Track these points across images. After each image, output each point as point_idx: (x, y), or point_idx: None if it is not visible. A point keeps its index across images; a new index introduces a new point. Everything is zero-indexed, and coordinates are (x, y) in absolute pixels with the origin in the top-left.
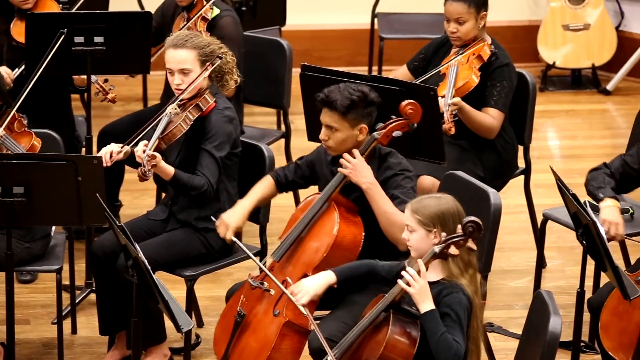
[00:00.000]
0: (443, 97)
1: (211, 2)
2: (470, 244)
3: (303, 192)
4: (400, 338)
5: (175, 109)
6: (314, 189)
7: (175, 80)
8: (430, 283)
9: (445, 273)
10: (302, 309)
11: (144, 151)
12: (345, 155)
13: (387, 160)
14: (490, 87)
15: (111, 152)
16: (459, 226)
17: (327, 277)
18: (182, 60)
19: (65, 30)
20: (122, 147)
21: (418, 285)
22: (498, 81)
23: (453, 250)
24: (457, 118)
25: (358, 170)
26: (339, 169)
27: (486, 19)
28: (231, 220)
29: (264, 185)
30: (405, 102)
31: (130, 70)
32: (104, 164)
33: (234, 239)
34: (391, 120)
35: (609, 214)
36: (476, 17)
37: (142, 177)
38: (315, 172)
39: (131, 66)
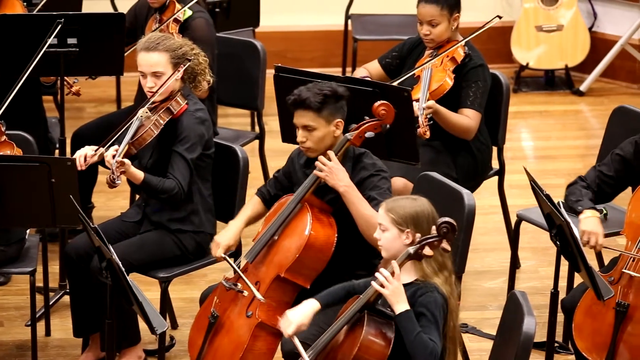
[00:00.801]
0: (417, 100)
1: (186, 6)
2: (445, 245)
3: None
4: (375, 339)
5: (146, 112)
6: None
7: (147, 83)
8: (404, 284)
9: (419, 274)
10: (296, 342)
11: (113, 157)
12: (321, 158)
13: (362, 160)
14: (465, 88)
15: (85, 155)
16: (434, 227)
17: (312, 306)
18: (154, 63)
19: (63, 20)
20: (96, 150)
21: (392, 286)
22: (473, 82)
23: (427, 251)
24: (432, 122)
25: (334, 173)
26: (315, 172)
27: (459, 20)
28: (222, 239)
29: (252, 204)
30: (378, 102)
31: (103, 72)
32: (79, 167)
33: (224, 255)
34: (364, 121)
35: (588, 225)
36: (449, 19)
37: (111, 184)
38: (292, 180)
39: (104, 68)
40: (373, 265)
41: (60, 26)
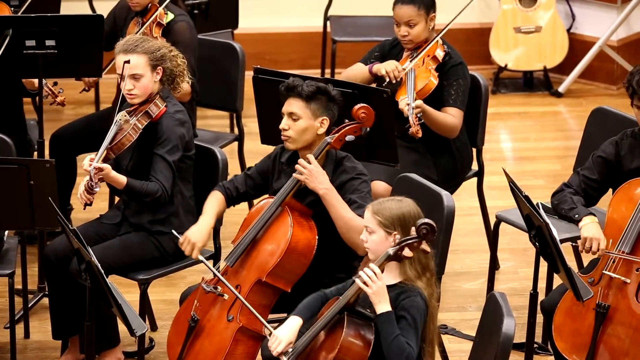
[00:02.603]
0: (404, 99)
1: (164, 5)
2: (425, 246)
3: None
4: (355, 340)
5: (125, 115)
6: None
7: (126, 85)
8: (387, 286)
9: (403, 276)
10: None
11: (90, 164)
12: (301, 161)
13: (343, 164)
14: (447, 87)
15: (85, 189)
16: (413, 228)
17: (297, 323)
18: (132, 66)
19: (11, 31)
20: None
21: (376, 285)
22: (454, 80)
23: (407, 252)
24: (422, 121)
25: (314, 175)
26: (295, 175)
27: (435, 20)
28: (197, 239)
29: (216, 200)
30: (358, 106)
31: (82, 73)
32: (88, 202)
33: (201, 257)
34: (344, 125)
35: (589, 231)
36: (426, 18)
37: (89, 191)
38: (268, 178)
39: (83, 70)
40: (352, 267)
41: (8, 38)
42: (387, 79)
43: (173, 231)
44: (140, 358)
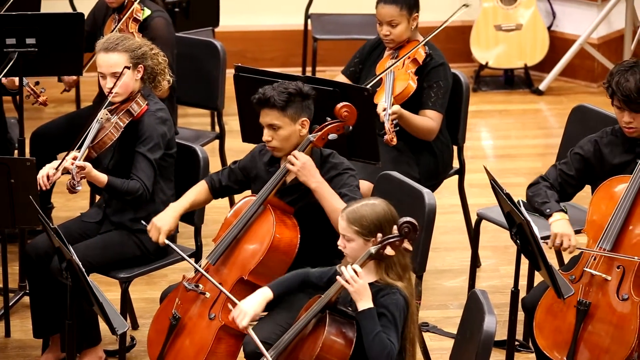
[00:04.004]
0: (381, 103)
1: (139, 0)
2: (406, 244)
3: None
4: (337, 339)
5: (106, 114)
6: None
7: (107, 84)
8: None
9: (382, 274)
10: (251, 333)
11: (73, 163)
12: (294, 152)
13: (329, 160)
14: (427, 89)
15: (47, 174)
16: (395, 227)
17: (264, 295)
18: (113, 64)
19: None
20: (57, 167)
21: (357, 284)
22: (434, 82)
23: (389, 251)
24: (398, 128)
25: (307, 168)
26: (287, 166)
27: (418, 19)
28: (162, 223)
29: (198, 190)
30: (341, 104)
31: (62, 71)
32: (43, 188)
33: (167, 241)
34: (326, 123)
35: (559, 227)
36: (408, 18)
37: (71, 190)
38: (250, 176)
39: (63, 68)
40: (334, 264)
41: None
42: None
43: (142, 222)
44: (122, 357)
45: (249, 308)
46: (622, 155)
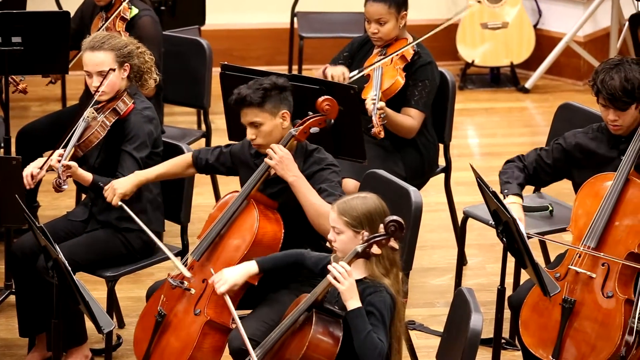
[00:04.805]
0: (370, 98)
1: (126, 2)
2: (393, 243)
3: (223, 190)
4: (324, 337)
5: (93, 113)
6: (233, 185)
7: (93, 82)
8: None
9: (369, 272)
10: (228, 300)
11: (59, 161)
12: (273, 146)
13: (313, 155)
14: (412, 87)
15: (31, 173)
16: (381, 225)
17: (247, 267)
18: (99, 63)
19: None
20: (41, 167)
21: (347, 282)
22: (420, 80)
23: (375, 249)
24: (385, 121)
25: (285, 162)
26: (266, 160)
27: (407, 18)
28: (119, 185)
29: (177, 161)
30: (322, 98)
31: (48, 70)
32: (27, 187)
33: (121, 203)
34: (308, 117)
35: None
36: (397, 17)
37: (57, 189)
38: (237, 163)
39: (49, 66)
40: None
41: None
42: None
43: (100, 183)
44: (108, 355)
45: (230, 276)
46: (607, 151)
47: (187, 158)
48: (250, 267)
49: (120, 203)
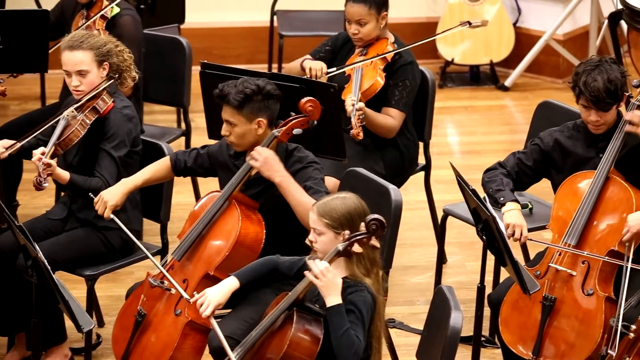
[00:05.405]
0: (350, 99)
1: (114, 3)
2: (374, 241)
3: (203, 189)
4: (304, 336)
5: (73, 112)
6: (213, 184)
7: (72, 82)
8: None
9: (350, 272)
10: (213, 323)
11: (40, 159)
12: (257, 148)
13: (295, 154)
14: (392, 87)
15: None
16: (362, 224)
17: (229, 284)
18: (78, 62)
19: None
20: (8, 147)
21: (325, 278)
22: (401, 80)
23: (356, 248)
24: (364, 123)
25: (270, 163)
26: (251, 162)
27: (387, 18)
28: (109, 197)
29: (158, 167)
30: (305, 99)
31: (27, 69)
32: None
33: (113, 216)
34: (291, 118)
35: (512, 218)
36: (377, 17)
37: (38, 187)
38: (215, 164)
39: (28, 65)
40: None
41: None
42: (308, 76)
43: (90, 194)
44: (88, 354)
45: (213, 297)
46: (585, 150)
47: (166, 162)
48: (232, 283)
49: (111, 216)
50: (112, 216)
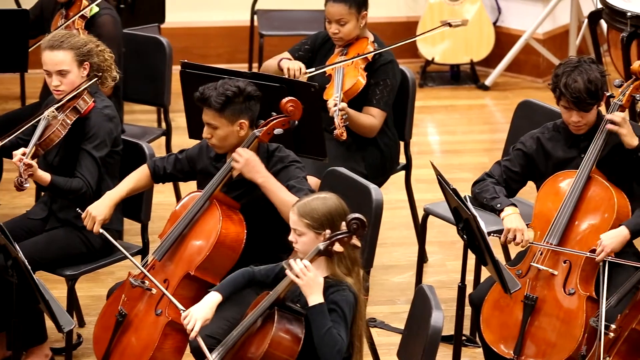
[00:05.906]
0: (332, 99)
1: (94, 3)
2: (355, 240)
3: (184, 189)
4: (285, 335)
5: (53, 112)
6: (194, 184)
7: (53, 82)
8: None
9: (331, 272)
10: (200, 341)
11: (21, 160)
12: (238, 150)
13: (276, 154)
14: (373, 86)
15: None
16: (343, 223)
17: (213, 299)
18: (59, 62)
19: None
20: None
21: (306, 277)
22: (382, 79)
23: (337, 247)
24: (347, 123)
25: (251, 164)
26: (232, 164)
27: (367, 17)
28: (97, 212)
29: (138, 175)
30: (286, 99)
31: (6, 68)
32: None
33: (102, 231)
34: (272, 118)
35: (512, 222)
36: (357, 17)
37: (19, 187)
38: (195, 168)
39: (8, 64)
40: (281, 259)
41: None
42: (287, 77)
43: (78, 209)
44: (68, 354)
45: (199, 315)
46: (566, 151)
47: (145, 170)
48: (215, 298)
49: (101, 230)
50: (101, 230)
